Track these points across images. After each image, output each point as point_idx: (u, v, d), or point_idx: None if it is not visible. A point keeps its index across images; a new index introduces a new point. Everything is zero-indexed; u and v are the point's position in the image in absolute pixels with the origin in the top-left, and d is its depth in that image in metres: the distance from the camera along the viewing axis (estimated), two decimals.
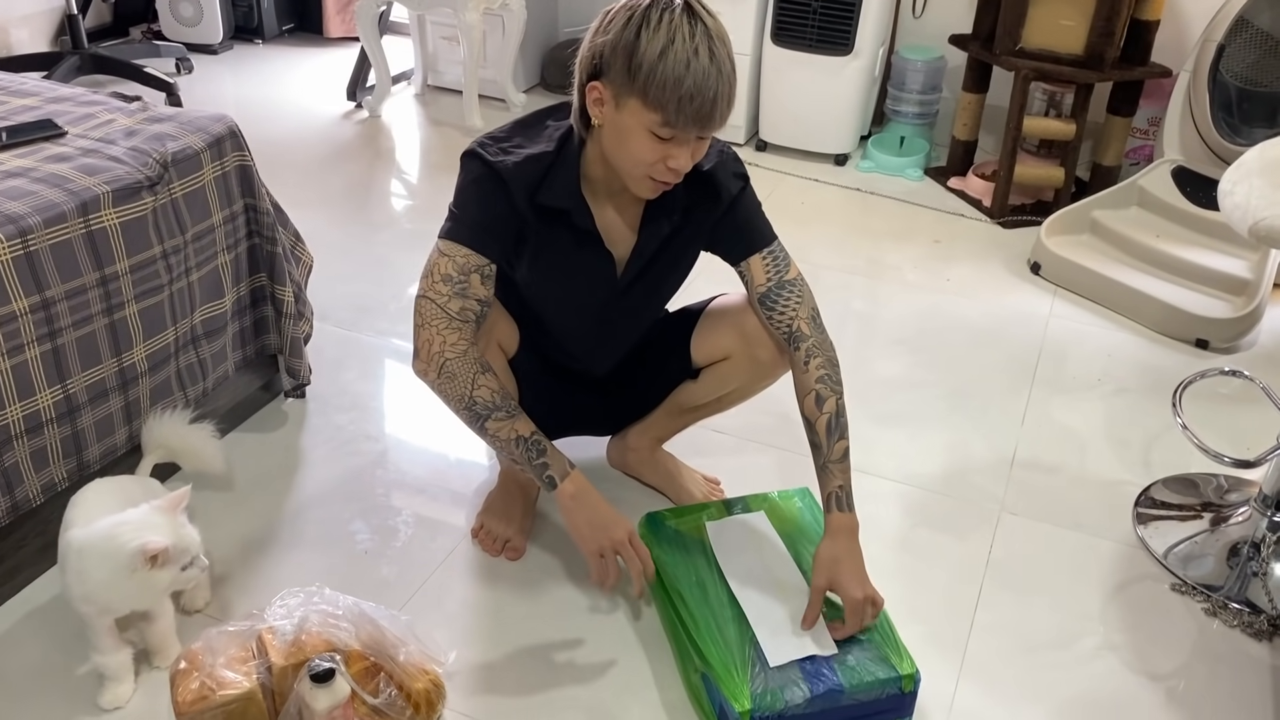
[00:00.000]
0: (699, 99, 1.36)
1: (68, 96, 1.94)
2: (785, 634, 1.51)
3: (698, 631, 1.52)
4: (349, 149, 3.41)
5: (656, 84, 1.35)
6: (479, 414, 1.52)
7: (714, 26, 1.38)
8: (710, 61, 1.36)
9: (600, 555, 1.55)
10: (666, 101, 1.36)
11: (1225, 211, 1.67)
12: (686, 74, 1.34)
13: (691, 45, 1.35)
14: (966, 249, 2.95)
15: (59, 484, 1.67)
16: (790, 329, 1.62)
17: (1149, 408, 2.28)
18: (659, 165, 1.44)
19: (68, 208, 1.57)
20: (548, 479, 1.54)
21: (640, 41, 1.35)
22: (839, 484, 1.56)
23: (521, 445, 1.53)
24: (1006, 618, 1.74)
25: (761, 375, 1.75)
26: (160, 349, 1.78)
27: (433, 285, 1.52)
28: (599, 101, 1.43)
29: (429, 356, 1.52)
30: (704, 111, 1.38)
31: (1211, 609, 1.76)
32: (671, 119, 1.38)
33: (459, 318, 1.51)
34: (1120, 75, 2.97)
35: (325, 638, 1.41)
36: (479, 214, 1.52)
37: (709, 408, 1.86)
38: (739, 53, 3.27)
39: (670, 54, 1.34)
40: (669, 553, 1.66)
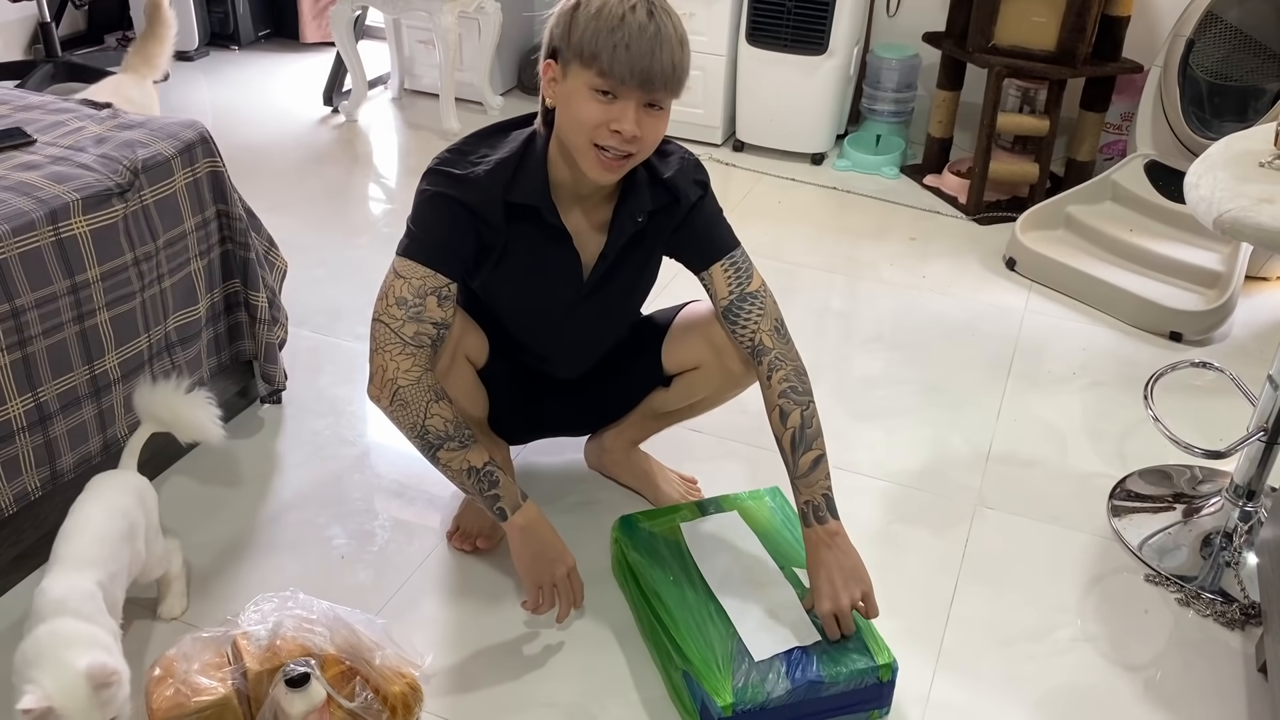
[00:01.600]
0: (634, 48, 1.37)
1: (37, 104, 1.93)
2: (766, 628, 1.52)
3: (677, 630, 1.53)
4: (326, 154, 3.41)
5: (591, 36, 1.38)
6: (431, 443, 1.50)
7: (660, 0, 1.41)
8: (649, 19, 1.38)
9: (539, 587, 1.57)
10: (600, 49, 1.38)
11: (1191, 204, 1.69)
12: (620, 25, 1.37)
13: (629, 2, 1.38)
14: (942, 246, 2.96)
15: (32, 493, 1.66)
16: (753, 342, 1.61)
17: (1124, 400, 2.30)
18: (602, 129, 1.42)
19: (36, 216, 1.57)
20: (498, 510, 1.53)
21: (579, 7, 1.40)
22: (805, 499, 1.55)
23: (473, 476, 1.51)
24: (983, 610, 1.75)
25: (731, 385, 1.76)
26: (133, 356, 1.77)
27: (387, 309, 1.50)
28: (553, 80, 1.46)
29: (382, 383, 1.49)
30: (641, 64, 1.38)
31: (1185, 599, 1.78)
32: (606, 66, 1.38)
33: (413, 342, 1.49)
34: (1092, 71, 2.99)
35: (300, 642, 1.41)
36: (439, 230, 1.51)
37: (681, 413, 1.87)
38: (714, 54, 3.34)
39: (605, 9, 1.38)
40: (645, 555, 1.67)
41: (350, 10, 3.51)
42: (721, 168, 3.40)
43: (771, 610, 1.55)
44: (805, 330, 2.52)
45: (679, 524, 1.72)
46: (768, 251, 2.87)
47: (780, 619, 1.54)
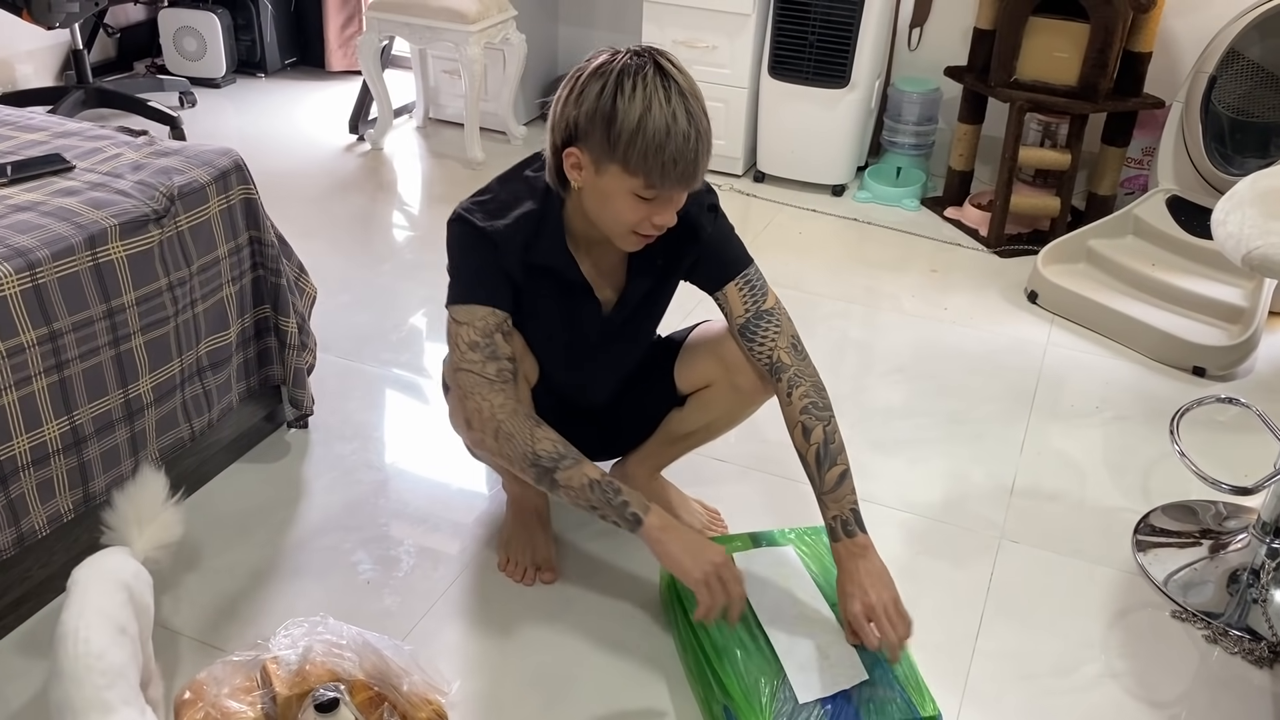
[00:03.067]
0: (681, 162, 1.38)
1: (75, 131, 1.96)
2: (814, 668, 1.52)
3: (720, 662, 1.52)
4: (351, 181, 3.45)
5: (638, 153, 1.37)
6: (546, 467, 1.49)
7: (685, 83, 1.39)
8: (688, 123, 1.37)
9: (706, 583, 1.47)
10: (650, 169, 1.38)
11: (1219, 240, 1.70)
12: (667, 140, 1.36)
13: (669, 110, 1.36)
14: (964, 278, 2.97)
15: (65, 515, 1.68)
16: (771, 359, 1.62)
17: (1147, 435, 2.30)
18: (644, 223, 1.46)
19: (75, 241, 1.59)
20: (631, 516, 1.49)
21: (617, 111, 1.37)
22: (833, 514, 1.56)
23: (596, 489, 1.49)
24: (1007, 645, 1.74)
25: (744, 403, 1.76)
26: (166, 380, 1.79)
27: (464, 356, 1.52)
28: (577, 166, 1.45)
29: (482, 424, 1.51)
30: (687, 173, 1.40)
31: (1212, 636, 1.77)
32: (656, 183, 1.40)
33: (498, 379, 1.52)
34: (1114, 106, 3.00)
35: (329, 667, 1.42)
36: (481, 270, 1.53)
37: (698, 435, 1.87)
38: (736, 86, 3.37)
39: (649, 121, 1.36)
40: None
41: (377, 40, 3.55)
42: (742, 198, 3.43)
43: (821, 649, 1.55)
44: (825, 361, 2.52)
45: (731, 555, 1.71)
46: (788, 282, 2.89)
47: (829, 658, 1.53)
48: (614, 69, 1.38)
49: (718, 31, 3.34)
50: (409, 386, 2.36)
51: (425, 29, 3.45)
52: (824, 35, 3.22)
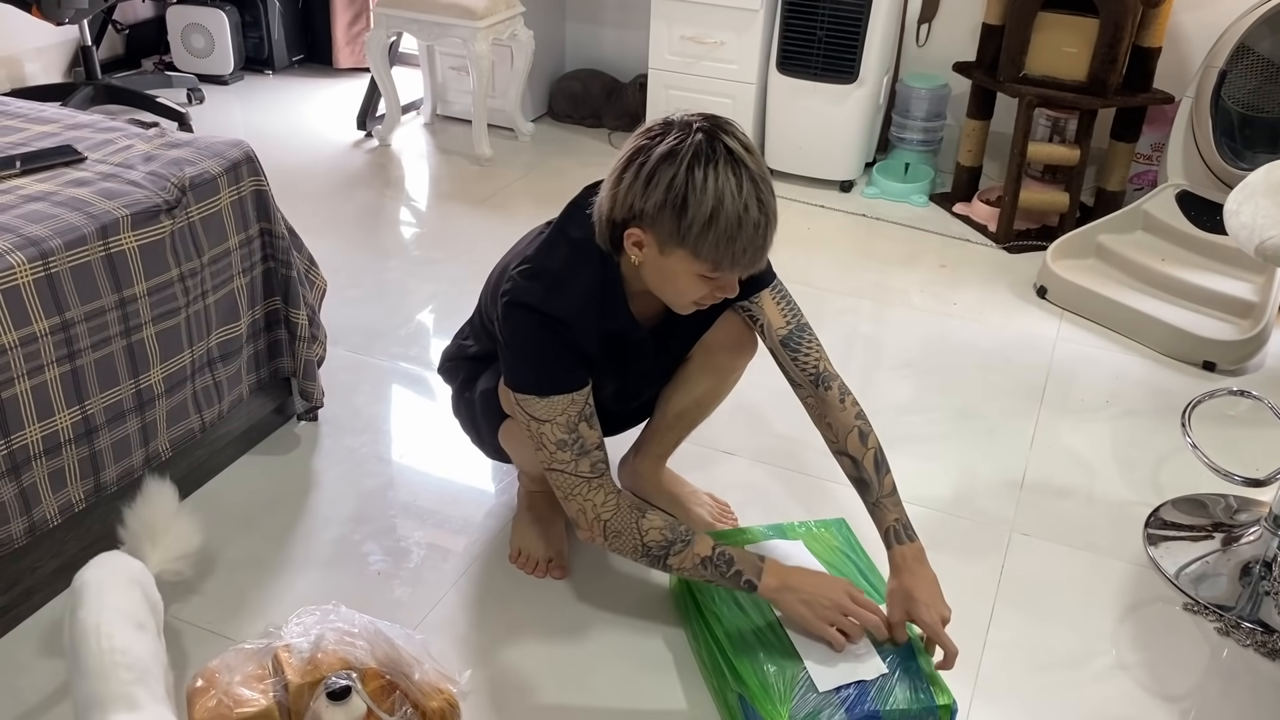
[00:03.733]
0: (752, 250, 1.40)
1: (86, 123, 1.96)
2: (832, 659, 1.51)
3: (734, 652, 1.52)
4: (359, 177, 3.45)
5: (710, 244, 1.38)
6: (658, 555, 1.51)
7: (756, 169, 1.39)
8: (759, 211, 1.38)
9: (833, 626, 1.52)
10: (720, 258, 1.39)
11: (1232, 231, 1.69)
12: (740, 231, 1.37)
13: (741, 201, 1.36)
14: (973, 273, 2.96)
15: (76, 505, 1.68)
16: (816, 370, 1.65)
17: (1157, 429, 2.29)
18: (706, 297, 1.48)
19: (88, 231, 1.60)
20: (746, 584, 1.52)
21: (689, 202, 1.36)
22: (894, 517, 1.57)
23: (709, 566, 1.51)
24: (1019, 638, 1.74)
25: (724, 374, 1.77)
26: (177, 371, 1.80)
27: (553, 456, 1.51)
28: (639, 245, 1.45)
29: (589, 524, 1.52)
30: (756, 258, 1.42)
31: (1224, 629, 1.76)
32: (725, 268, 1.41)
33: (594, 474, 1.51)
34: (1123, 101, 3.00)
35: (341, 655, 1.42)
36: (555, 358, 1.50)
37: (691, 414, 1.86)
38: (744, 81, 3.37)
39: (722, 214, 1.36)
40: None
41: (385, 36, 3.56)
42: None
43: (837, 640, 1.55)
44: (835, 355, 2.52)
45: (744, 548, 1.71)
46: (797, 277, 2.88)
47: (848, 650, 1.53)
48: (685, 154, 1.37)
49: (726, 27, 3.34)
50: (418, 381, 2.36)
51: (433, 25, 3.45)
52: (832, 31, 3.22)
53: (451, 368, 1.86)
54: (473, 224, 3.15)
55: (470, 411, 1.81)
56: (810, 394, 1.65)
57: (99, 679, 1.27)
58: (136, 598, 1.41)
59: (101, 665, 1.28)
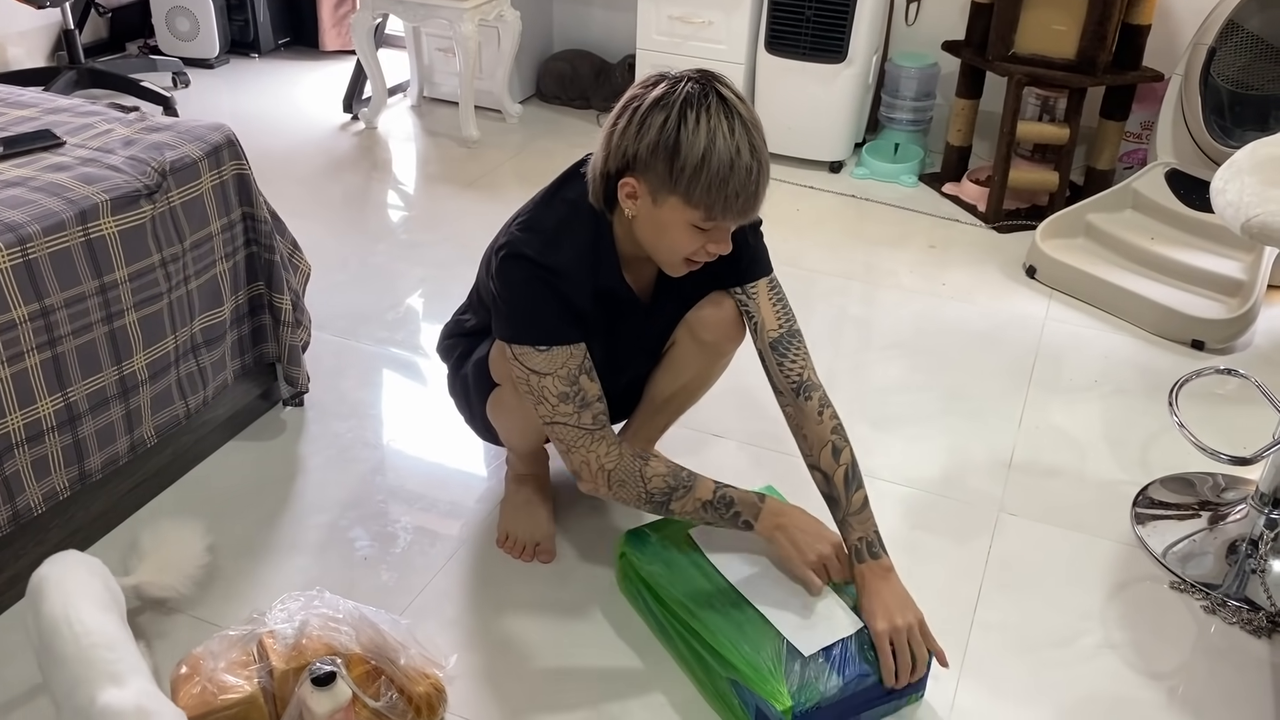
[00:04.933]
0: (744, 195, 1.40)
1: (66, 107, 1.94)
2: (808, 624, 1.52)
3: (714, 638, 1.51)
4: (346, 161, 3.43)
5: (701, 186, 1.38)
6: (661, 501, 1.54)
7: (748, 116, 1.40)
8: (751, 156, 1.38)
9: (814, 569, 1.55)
10: (712, 203, 1.39)
11: (1218, 209, 1.68)
12: (731, 174, 1.37)
13: (732, 143, 1.37)
14: (962, 254, 2.96)
15: (60, 492, 1.67)
16: (800, 379, 1.63)
17: (1146, 408, 2.29)
18: (699, 252, 1.48)
19: (66, 216, 1.58)
20: (744, 524, 1.56)
21: (680, 144, 1.37)
22: (859, 535, 1.58)
23: (710, 509, 1.54)
24: (1006, 617, 1.74)
25: (711, 358, 1.76)
26: (160, 357, 1.78)
27: (555, 409, 1.51)
28: (632, 196, 1.45)
29: (593, 475, 1.54)
30: (748, 206, 1.42)
31: (1210, 607, 1.77)
32: (718, 215, 1.41)
33: (595, 426, 1.52)
34: (1112, 79, 2.99)
35: (326, 641, 1.42)
36: (552, 305, 1.50)
37: (679, 399, 1.85)
38: (733, 62, 3.35)
39: (714, 156, 1.36)
40: (661, 566, 1.64)
41: (371, 18, 3.53)
42: None
43: (806, 605, 1.55)
44: (824, 337, 2.52)
45: (689, 532, 1.71)
46: (787, 259, 2.87)
47: (818, 612, 1.54)
48: (676, 100, 1.38)
49: (714, 7, 3.31)
50: (405, 365, 2.35)
51: (419, 6, 3.42)
52: (821, 10, 3.20)
53: (449, 345, 1.85)
54: (460, 206, 3.13)
55: (464, 386, 1.80)
56: (790, 403, 1.65)
57: (79, 664, 1.27)
58: (97, 586, 1.41)
59: (79, 650, 1.28)
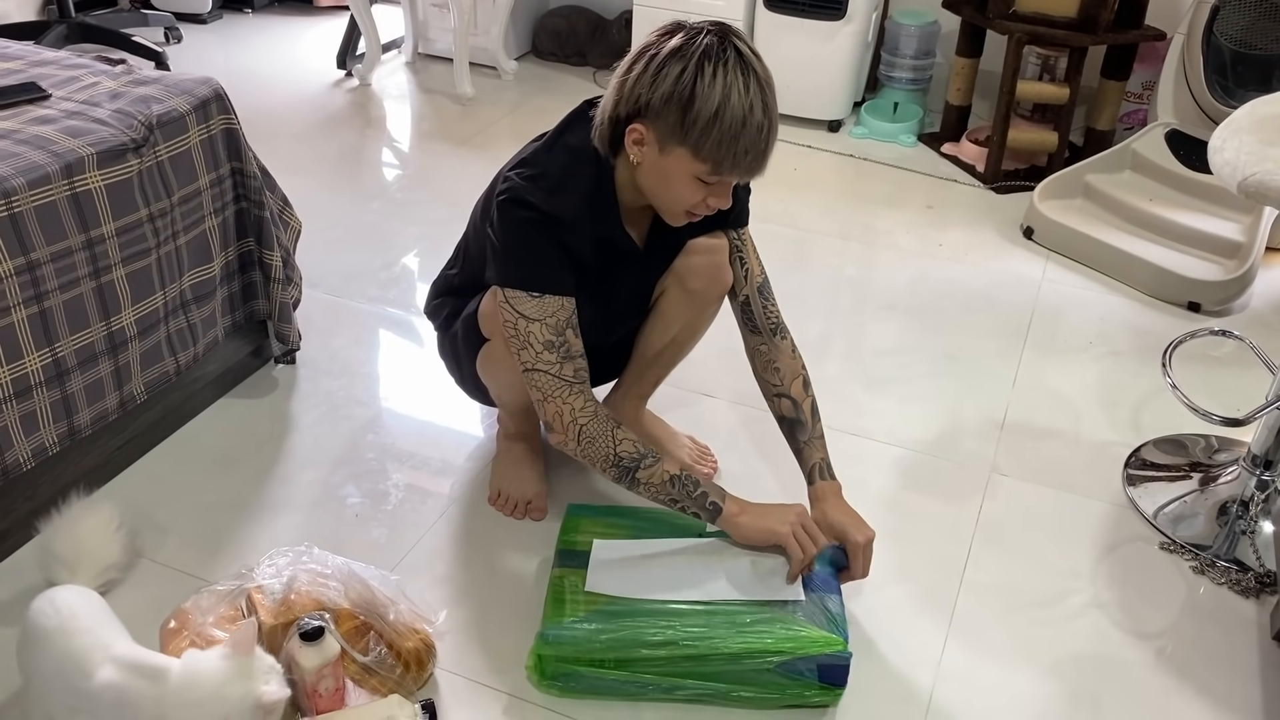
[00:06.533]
0: (753, 153, 1.39)
1: (52, 60, 1.92)
2: (772, 580, 1.52)
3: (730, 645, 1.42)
4: (339, 118, 3.39)
5: (712, 141, 1.38)
6: (628, 467, 1.51)
7: (763, 73, 1.39)
8: (764, 114, 1.38)
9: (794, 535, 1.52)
10: (721, 157, 1.39)
11: (1215, 168, 1.67)
12: (743, 131, 1.37)
13: (747, 100, 1.36)
14: (959, 214, 2.94)
15: (50, 448, 1.66)
16: (778, 320, 1.72)
17: (1140, 370, 2.29)
18: (700, 205, 1.48)
19: (52, 169, 1.56)
20: (711, 506, 1.52)
21: (695, 96, 1.36)
22: (821, 456, 1.66)
23: (676, 484, 1.51)
24: (996, 577, 1.74)
25: (700, 306, 1.74)
26: (149, 313, 1.77)
27: (538, 356, 1.50)
28: (639, 142, 1.44)
29: (564, 428, 1.52)
30: (756, 163, 1.42)
31: (1199, 567, 1.77)
32: (725, 171, 1.41)
33: (576, 380, 1.51)
34: (1114, 38, 2.95)
35: (315, 597, 1.42)
36: (550, 253, 1.49)
37: (669, 351, 1.83)
38: (730, 19, 3.29)
39: (727, 111, 1.36)
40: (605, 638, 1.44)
41: None
42: None
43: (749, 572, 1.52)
44: (819, 297, 2.51)
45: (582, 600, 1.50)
46: (783, 219, 2.85)
47: (763, 568, 1.53)
48: (695, 52, 1.37)
49: None
50: (398, 324, 2.34)
51: None
52: None
53: (437, 305, 1.84)
54: (455, 164, 3.11)
55: (453, 345, 1.79)
56: (765, 342, 1.70)
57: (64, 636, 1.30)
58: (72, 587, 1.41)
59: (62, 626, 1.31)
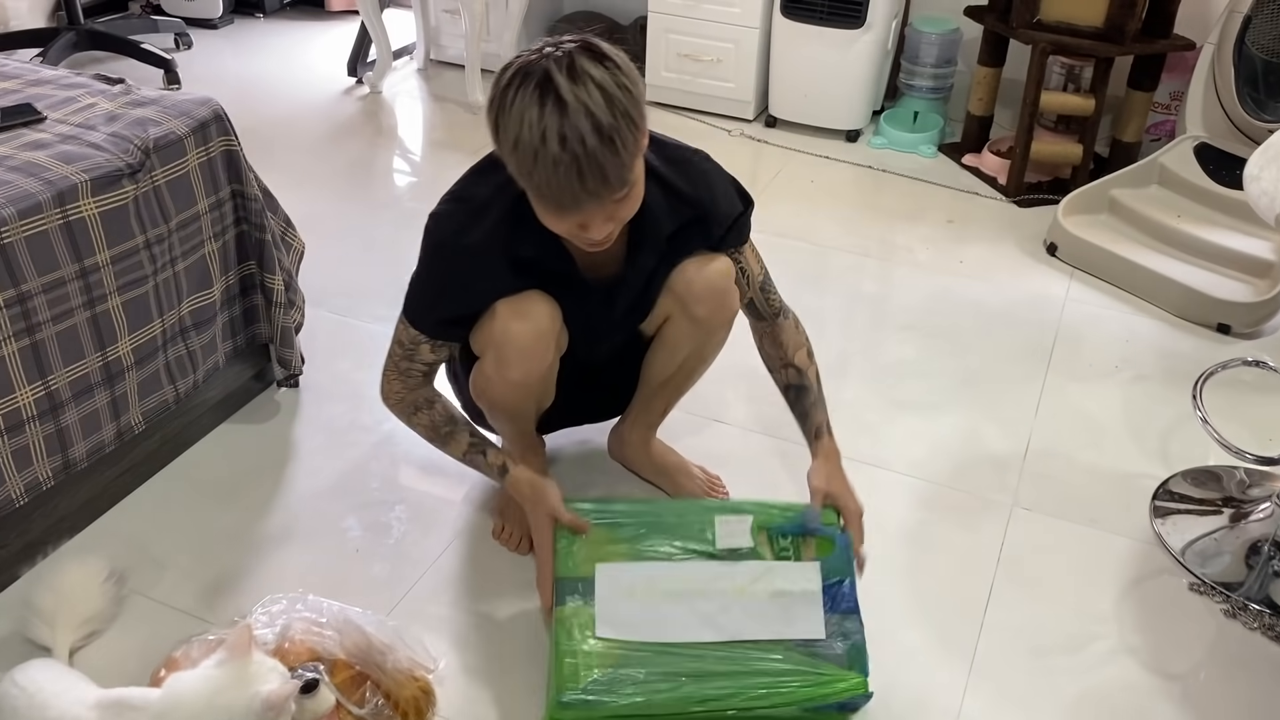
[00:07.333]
0: (555, 189, 1.26)
1: (49, 79, 1.88)
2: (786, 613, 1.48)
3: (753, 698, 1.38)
4: (349, 126, 3.35)
5: (521, 174, 1.29)
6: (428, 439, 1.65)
7: (572, 98, 1.21)
8: (560, 145, 1.22)
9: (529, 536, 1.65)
10: (529, 187, 1.30)
11: (1251, 198, 1.60)
12: (535, 165, 1.25)
13: (538, 130, 1.22)
14: (981, 229, 2.87)
15: (44, 483, 1.62)
16: (781, 304, 1.73)
17: (1168, 396, 2.21)
18: (575, 235, 1.37)
19: (43, 198, 1.52)
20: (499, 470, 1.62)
21: (499, 126, 1.27)
22: (824, 417, 1.69)
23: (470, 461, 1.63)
24: (1018, 618, 1.68)
25: (707, 333, 1.68)
26: (147, 341, 1.73)
27: (393, 341, 1.60)
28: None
29: (382, 392, 1.65)
30: (567, 199, 1.27)
31: (1231, 610, 1.70)
32: (548, 205, 1.31)
33: (405, 374, 1.60)
34: (1141, 48, 2.87)
35: (309, 646, 1.37)
36: (441, 289, 1.51)
37: (676, 380, 1.78)
38: (747, 26, 3.24)
39: (522, 142, 1.24)
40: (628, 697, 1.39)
41: None
42: (752, 144, 3.31)
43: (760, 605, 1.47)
44: (836, 316, 2.44)
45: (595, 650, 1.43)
46: (798, 233, 2.79)
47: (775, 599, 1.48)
48: (508, 74, 1.26)
49: None
50: None
51: None
52: None
53: None
54: None
55: (451, 365, 1.77)
56: (770, 324, 1.73)
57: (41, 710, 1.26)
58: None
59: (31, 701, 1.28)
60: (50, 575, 1.44)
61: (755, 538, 1.54)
